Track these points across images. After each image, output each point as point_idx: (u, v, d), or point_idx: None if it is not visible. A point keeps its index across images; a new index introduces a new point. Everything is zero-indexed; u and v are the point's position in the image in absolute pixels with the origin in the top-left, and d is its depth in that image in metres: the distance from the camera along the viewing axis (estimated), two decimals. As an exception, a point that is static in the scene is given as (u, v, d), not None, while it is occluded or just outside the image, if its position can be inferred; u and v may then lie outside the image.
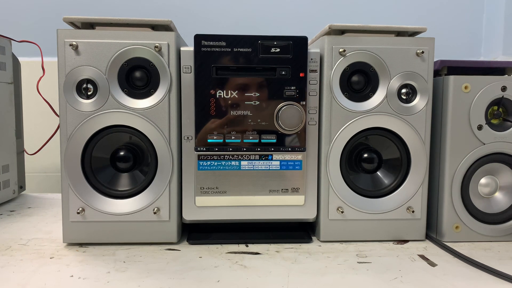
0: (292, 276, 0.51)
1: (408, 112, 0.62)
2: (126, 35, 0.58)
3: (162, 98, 0.59)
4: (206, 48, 0.59)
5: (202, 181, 0.61)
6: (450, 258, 0.57)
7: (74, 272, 0.51)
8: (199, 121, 0.60)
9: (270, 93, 0.60)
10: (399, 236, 0.64)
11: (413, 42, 0.61)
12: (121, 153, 0.59)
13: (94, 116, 0.58)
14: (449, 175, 0.62)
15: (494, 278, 0.51)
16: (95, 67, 0.58)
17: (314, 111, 0.62)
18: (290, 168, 0.62)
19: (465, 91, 0.61)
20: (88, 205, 0.59)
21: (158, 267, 0.53)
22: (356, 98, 0.61)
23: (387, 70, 0.61)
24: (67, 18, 0.59)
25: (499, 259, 0.57)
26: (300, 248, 0.60)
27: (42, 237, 0.64)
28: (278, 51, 0.60)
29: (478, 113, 0.61)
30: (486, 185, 0.64)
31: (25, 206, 0.84)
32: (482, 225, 0.63)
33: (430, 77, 0.62)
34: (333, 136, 0.61)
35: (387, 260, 0.56)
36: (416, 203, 0.63)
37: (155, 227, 0.61)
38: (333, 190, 0.62)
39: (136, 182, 0.61)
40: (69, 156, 0.59)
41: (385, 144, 0.63)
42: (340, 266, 0.54)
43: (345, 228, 0.63)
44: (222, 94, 0.60)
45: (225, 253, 0.58)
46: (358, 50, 0.60)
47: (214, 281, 0.49)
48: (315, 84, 0.61)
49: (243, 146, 0.61)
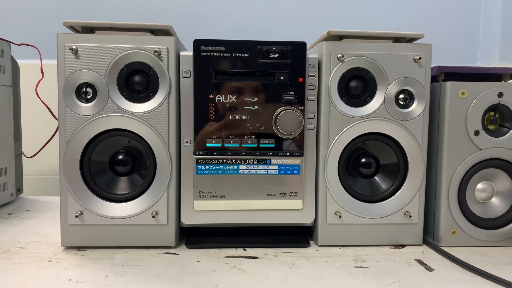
0: (290, 281, 0.51)
1: (406, 118, 0.62)
2: (126, 40, 0.58)
3: (161, 102, 0.59)
4: (205, 53, 0.59)
5: (201, 185, 0.61)
6: (447, 263, 0.58)
7: (72, 275, 0.51)
8: (198, 125, 0.60)
9: (269, 97, 0.61)
10: (397, 241, 0.64)
11: (410, 48, 0.62)
12: (120, 156, 0.60)
13: (93, 119, 0.58)
14: (446, 180, 0.62)
15: (490, 283, 0.51)
16: (95, 71, 0.58)
17: (312, 116, 0.62)
18: (288, 172, 0.62)
19: (462, 97, 0.61)
20: (87, 208, 0.59)
21: (156, 271, 0.53)
22: (354, 103, 0.62)
23: (385, 76, 0.61)
24: (67, 22, 0.59)
25: (496, 264, 0.57)
26: (298, 253, 0.61)
27: (40, 241, 0.64)
28: (277, 56, 0.60)
29: (475, 119, 0.62)
30: (482, 190, 0.64)
31: (23, 209, 0.84)
32: (479, 230, 0.64)
33: (428, 83, 0.62)
34: (331, 141, 0.62)
35: (384, 265, 0.56)
36: (414, 208, 0.63)
37: (153, 231, 0.61)
38: (331, 195, 0.62)
39: (135, 186, 0.61)
40: (68, 160, 0.59)
41: (383, 149, 0.64)
42: (338, 270, 0.54)
43: (342, 233, 0.63)
44: (221, 99, 0.60)
45: (223, 257, 0.58)
46: (356, 56, 0.61)
47: (212, 285, 0.49)
48: (313, 89, 0.62)
49: (241, 150, 0.61)
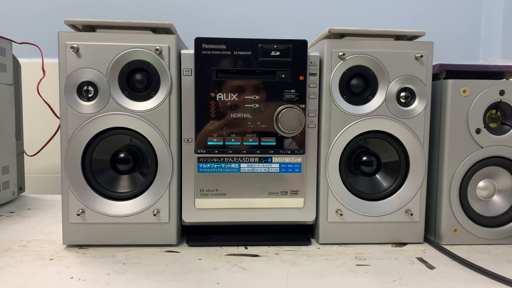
0: (291, 279, 0.51)
1: (407, 116, 0.62)
2: (127, 38, 0.58)
3: (163, 100, 0.59)
4: (206, 51, 0.59)
5: (202, 183, 0.61)
6: (448, 261, 0.58)
7: (74, 273, 0.52)
8: (199, 123, 0.60)
9: (270, 96, 0.61)
10: (398, 239, 0.64)
11: (412, 46, 0.61)
12: (121, 155, 0.60)
13: (94, 118, 0.58)
14: (447, 178, 0.62)
15: (491, 281, 0.51)
16: (96, 69, 0.58)
17: (313, 114, 0.62)
18: (289, 170, 0.62)
19: (464, 94, 0.61)
20: (88, 206, 0.60)
21: (158, 269, 0.53)
22: (355, 101, 0.62)
23: (386, 74, 0.61)
24: (68, 21, 0.59)
25: (497, 262, 0.57)
26: (299, 251, 0.61)
27: (41, 239, 0.64)
28: (278, 54, 0.60)
29: (477, 117, 0.62)
30: (484, 188, 0.64)
31: (25, 208, 0.84)
32: (480, 228, 0.64)
33: (429, 80, 0.62)
34: (332, 139, 0.62)
35: (385, 263, 0.57)
36: (415, 206, 0.63)
37: (154, 229, 0.61)
38: (332, 193, 0.62)
39: (136, 184, 0.61)
40: (70, 158, 0.59)
41: (384, 147, 0.64)
42: (339, 268, 0.54)
43: (344, 231, 0.63)
44: (222, 97, 0.60)
45: (225, 255, 0.58)
46: (357, 54, 0.61)
47: (213, 283, 0.49)
48: (314, 87, 0.61)
49: (242, 148, 0.61)
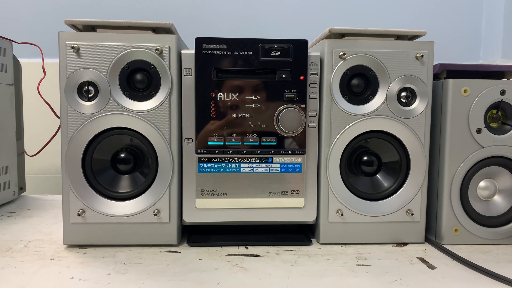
0: (292, 279, 0.51)
1: (408, 116, 0.62)
2: (128, 38, 0.58)
3: (163, 100, 0.59)
4: (207, 51, 0.59)
5: (202, 183, 0.61)
6: (449, 261, 0.57)
7: (74, 273, 0.52)
8: (200, 123, 0.60)
9: (270, 96, 0.61)
10: (399, 239, 0.64)
11: (412, 45, 0.61)
12: (121, 155, 0.60)
13: (95, 118, 0.58)
14: (448, 178, 0.62)
15: (492, 281, 0.51)
16: (97, 69, 0.58)
17: (314, 114, 0.62)
18: (290, 170, 0.62)
19: (464, 94, 0.61)
20: (89, 207, 0.59)
21: (158, 269, 0.53)
22: (356, 101, 0.62)
23: (387, 74, 0.61)
24: (69, 21, 0.59)
25: (498, 262, 0.57)
26: (300, 251, 0.61)
27: (42, 239, 0.64)
28: (279, 54, 0.60)
29: (477, 117, 0.62)
30: (485, 188, 0.64)
31: (25, 208, 0.84)
32: (481, 228, 0.64)
33: (430, 80, 0.62)
34: (333, 139, 0.61)
35: (386, 263, 0.56)
36: (416, 206, 0.63)
37: (155, 229, 0.61)
38: (333, 193, 0.62)
39: (137, 184, 0.61)
40: (70, 158, 0.59)
41: (385, 147, 0.64)
42: (340, 268, 0.54)
43: (344, 231, 0.63)
44: (223, 97, 0.60)
45: (225, 255, 0.58)
46: (358, 54, 0.61)
47: (214, 283, 0.49)
48: (315, 87, 0.61)
49: (243, 148, 0.61)
